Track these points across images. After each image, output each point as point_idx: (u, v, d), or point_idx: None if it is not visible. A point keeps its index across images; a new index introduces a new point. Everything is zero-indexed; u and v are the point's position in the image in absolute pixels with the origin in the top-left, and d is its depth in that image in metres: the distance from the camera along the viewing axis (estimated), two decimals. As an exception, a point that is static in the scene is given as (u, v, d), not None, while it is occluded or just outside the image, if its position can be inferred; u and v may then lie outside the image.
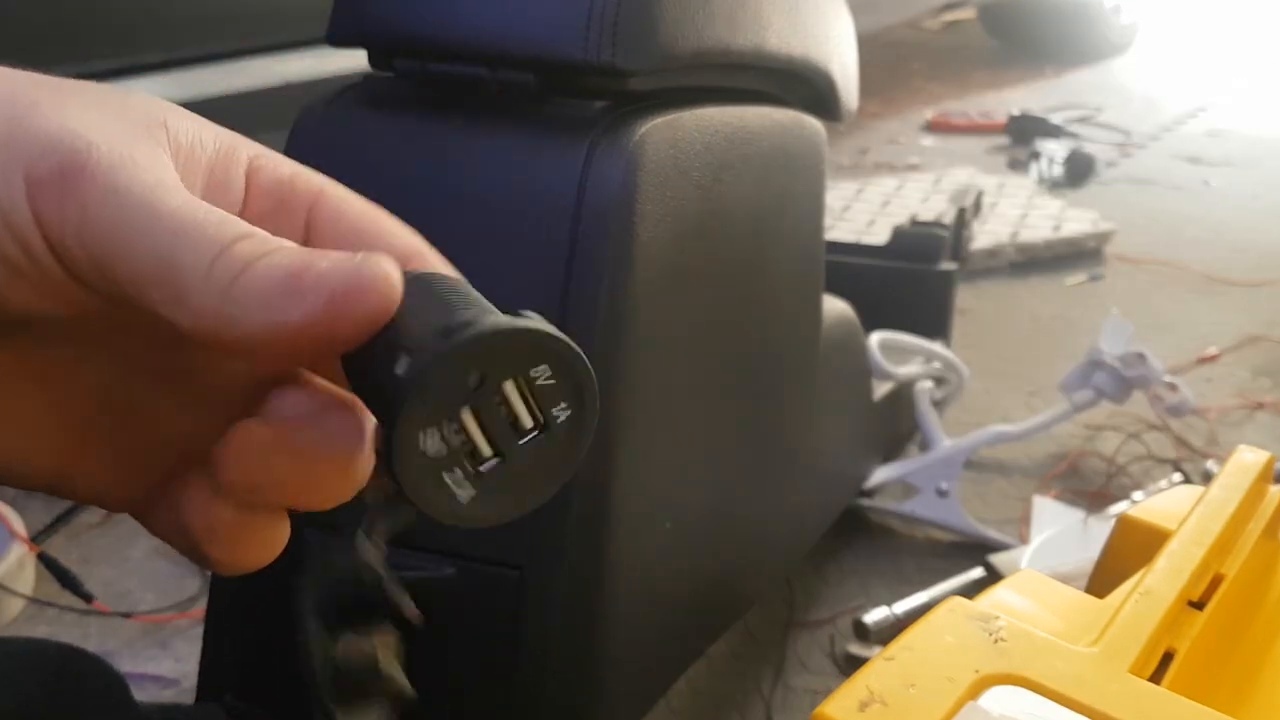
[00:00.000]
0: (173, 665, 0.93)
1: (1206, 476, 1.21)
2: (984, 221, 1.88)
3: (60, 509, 1.09)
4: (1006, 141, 2.57)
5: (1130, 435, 1.27)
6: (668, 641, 0.68)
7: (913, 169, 2.36)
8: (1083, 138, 2.55)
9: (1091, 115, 2.78)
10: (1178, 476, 1.21)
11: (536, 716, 0.56)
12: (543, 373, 0.24)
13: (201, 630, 0.62)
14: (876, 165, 2.40)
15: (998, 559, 1.03)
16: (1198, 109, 2.94)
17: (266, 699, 0.59)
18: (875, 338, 1.08)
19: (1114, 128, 2.69)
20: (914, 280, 1.25)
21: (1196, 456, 1.26)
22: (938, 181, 2.17)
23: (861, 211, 1.99)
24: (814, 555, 1.04)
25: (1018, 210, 1.99)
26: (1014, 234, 1.87)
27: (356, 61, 0.60)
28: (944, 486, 1.10)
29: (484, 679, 0.56)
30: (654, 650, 0.66)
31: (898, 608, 0.97)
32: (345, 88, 0.60)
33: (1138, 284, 1.79)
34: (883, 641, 0.94)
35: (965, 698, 0.38)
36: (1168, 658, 0.43)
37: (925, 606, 0.96)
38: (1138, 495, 1.16)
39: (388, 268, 0.23)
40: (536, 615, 0.55)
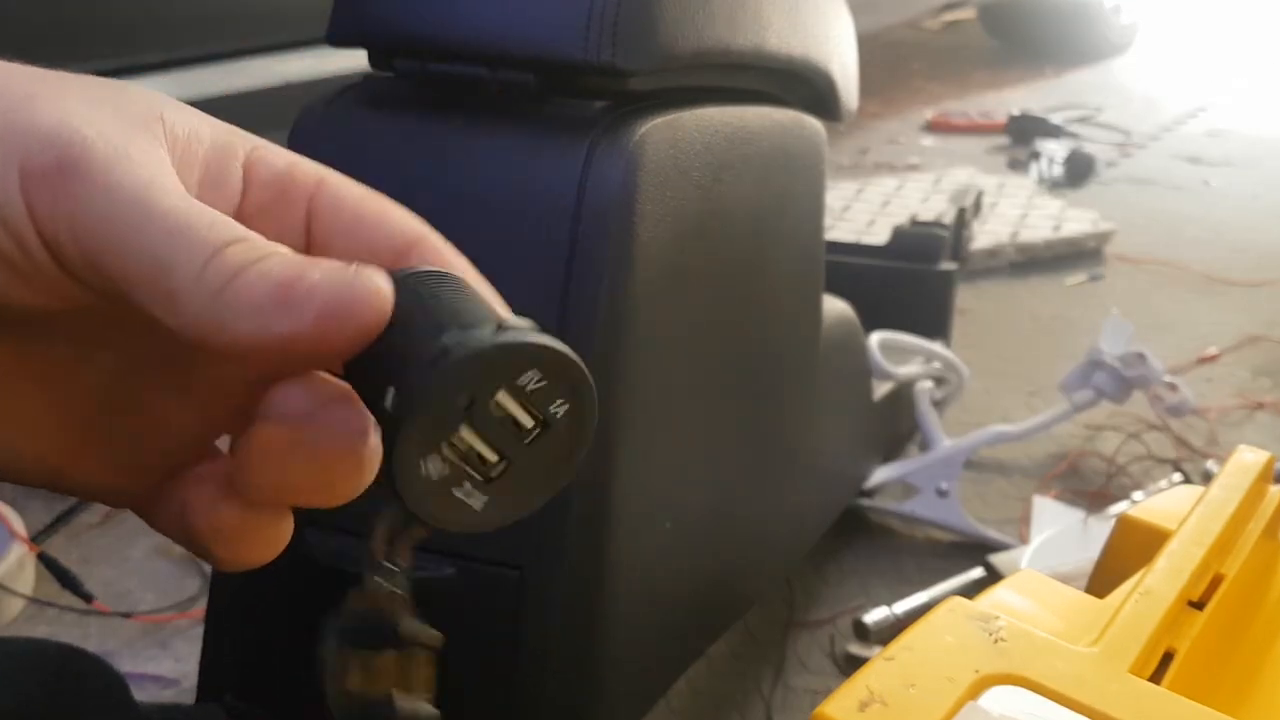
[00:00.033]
0: (173, 665, 0.93)
1: (1206, 476, 1.21)
2: (984, 221, 1.88)
3: (60, 509, 1.09)
4: (1006, 141, 2.57)
5: (1130, 435, 1.27)
6: (668, 641, 0.68)
7: (913, 169, 2.36)
8: (1083, 138, 2.55)
9: (1091, 115, 2.78)
10: (1178, 476, 1.21)
11: (536, 716, 0.56)
12: (532, 377, 0.24)
13: (201, 630, 0.62)
14: (876, 165, 2.40)
15: (998, 559, 1.03)
16: (1198, 109, 2.94)
17: (266, 699, 0.59)
18: (875, 338, 1.08)
19: (1114, 128, 2.69)
20: (914, 280, 1.25)
21: (1196, 456, 1.26)
22: (938, 181, 2.17)
23: (861, 211, 1.99)
24: (814, 555, 1.04)
25: (1018, 210, 1.99)
26: (1014, 234, 1.87)
27: (356, 61, 0.60)
28: (944, 486, 1.10)
29: (484, 679, 0.56)
30: (654, 650, 0.66)
31: (898, 608, 0.97)
32: (345, 88, 0.60)
33: (1138, 284, 1.79)
34: (883, 641, 0.94)
35: (965, 698, 0.38)
36: (1168, 658, 0.43)
37: (925, 606, 0.96)
38: (1138, 495, 1.16)
39: (379, 282, 0.23)
40: (536, 615, 0.55)
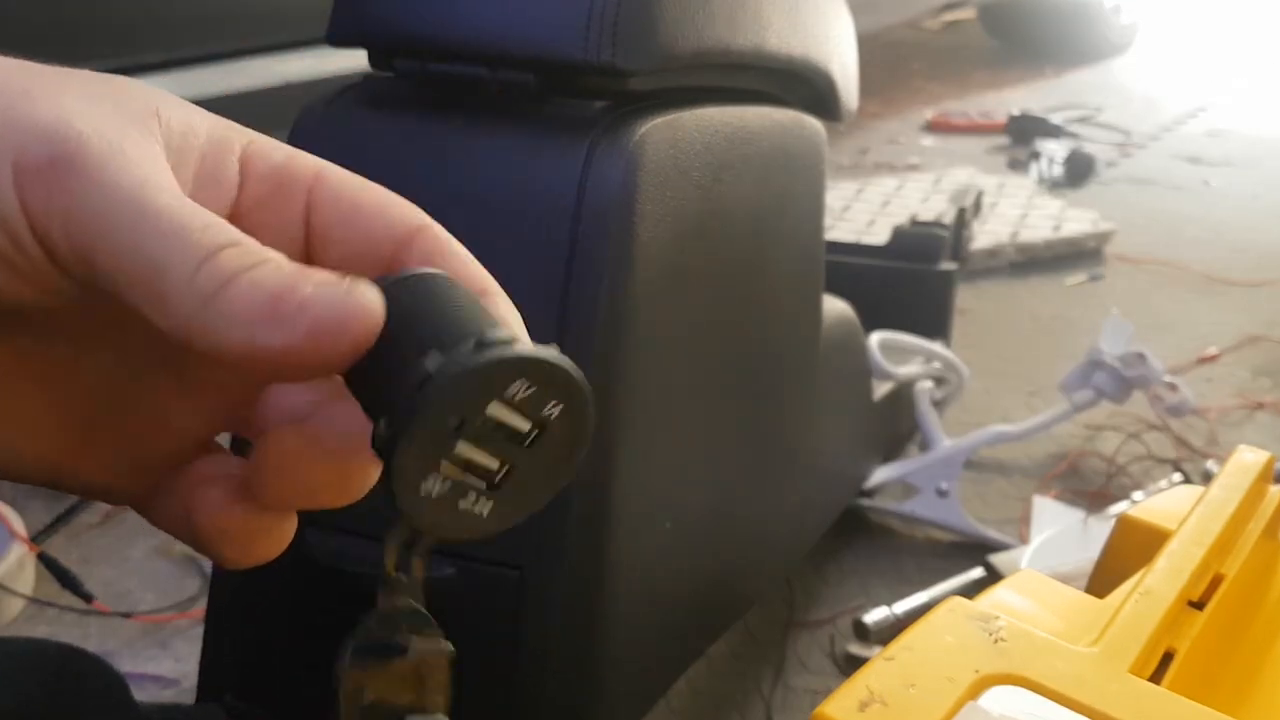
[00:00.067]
0: (173, 665, 0.93)
1: (1206, 476, 1.21)
2: (984, 221, 1.88)
3: (60, 509, 1.09)
4: (1006, 141, 2.57)
5: (1130, 435, 1.27)
6: (668, 641, 0.68)
7: (913, 169, 2.36)
8: (1083, 138, 2.55)
9: (1091, 115, 2.78)
10: (1178, 476, 1.21)
11: (536, 716, 0.56)
12: (520, 386, 0.24)
13: (201, 630, 0.62)
14: (876, 165, 2.40)
15: (998, 559, 1.03)
16: (1198, 109, 2.94)
17: (266, 699, 0.59)
18: (875, 338, 1.08)
19: (1114, 128, 2.69)
20: (914, 280, 1.25)
21: (1196, 456, 1.26)
22: (938, 181, 2.17)
23: (861, 211, 1.99)
24: (814, 555, 1.04)
25: (1018, 210, 1.99)
26: (1014, 234, 1.87)
27: (356, 61, 0.60)
28: (944, 486, 1.10)
29: (484, 679, 0.56)
30: (654, 650, 0.66)
31: (898, 608, 0.97)
32: (345, 88, 0.60)
33: (1138, 284, 1.79)
34: (883, 641, 0.94)
35: (965, 698, 0.38)
36: (1168, 658, 0.43)
37: (925, 606, 0.96)
38: (1138, 495, 1.16)
39: (371, 297, 0.23)
40: (536, 615, 0.55)
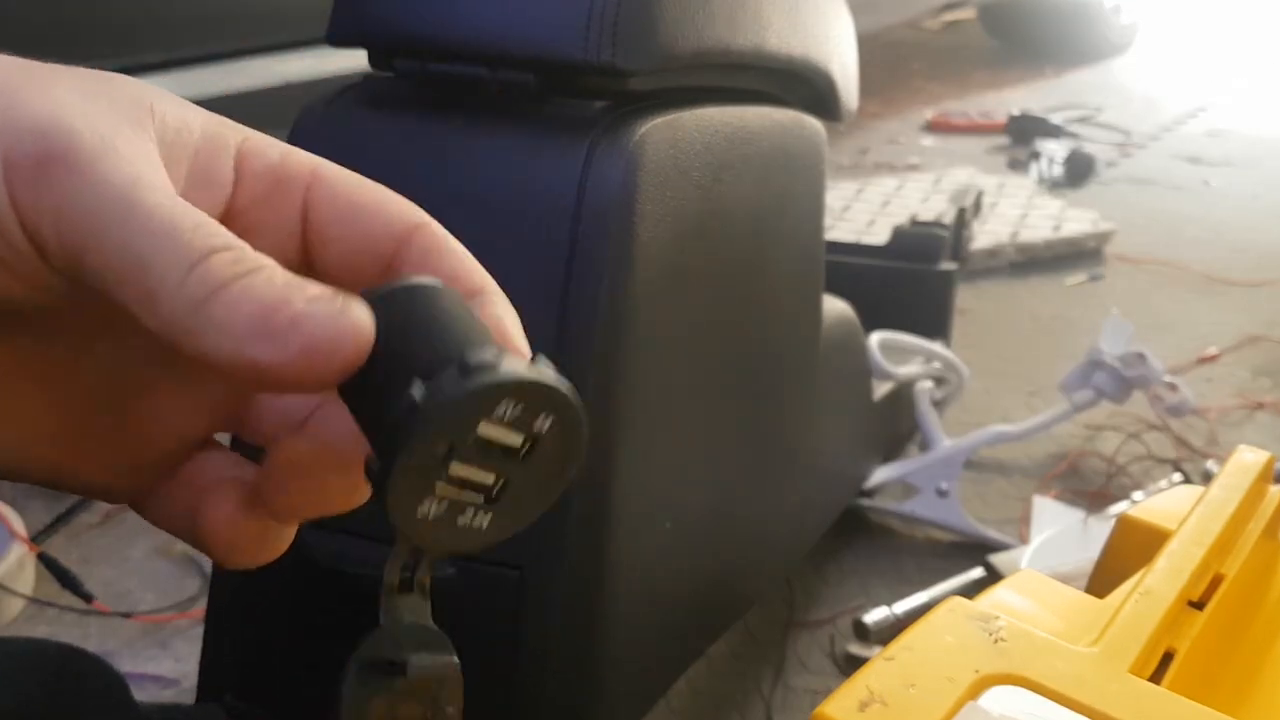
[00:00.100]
0: (173, 665, 0.93)
1: (1206, 476, 1.21)
2: (984, 221, 1.88)
3: (60, 509, 1.09)
4: (1006, 141, 2.57)
5: (1130, 435, 1.27)
6: (668, 641, 0.68)
7: (913, 169, 2.36)
8: (1083, 138, 2.55)
9: (1091, 115, 2.78)
10: (1178, 476, 1.21)
11: (536, 716, 0.56)
12: (508, 406, 0.24)
13: (201, 630, 0.61)
14: (876, 165, 2.40)
15: (998, 559, 1.03)
16: (1198, 109, 2.94)
17: (266, 699, 0.59)
18: (875, 338, 1.08)
19: (1114, 128, 2.69)
20: (914, 280, 1.25)
21: (1196, 456, 1.26)
22: (938, 181, 2.17)
23: (861, 211, 1.99)
24: (814, 555, 1.04)
25: (1018, 210, 1.99)
26: (1014, 234, 1.87)
27: (356, 61, 0.60)
28: (944, 486, 1.10)
29: (484, 679, 0.56)
30: (654, 650, 0.66)
31: (898, 608, 0.97)
32: (345, 88, 0.60)
33: (1138, 284, 1.79)
34: (883, 641, 0.94)
35: (965, 698, 0.38)
36: (1168, 658, 0.43)
37: (925, 606, 0.96)
38: (1138, 495, 1.16)
39: (363, 317, 0.23)
40: (536, 615, 0.55)
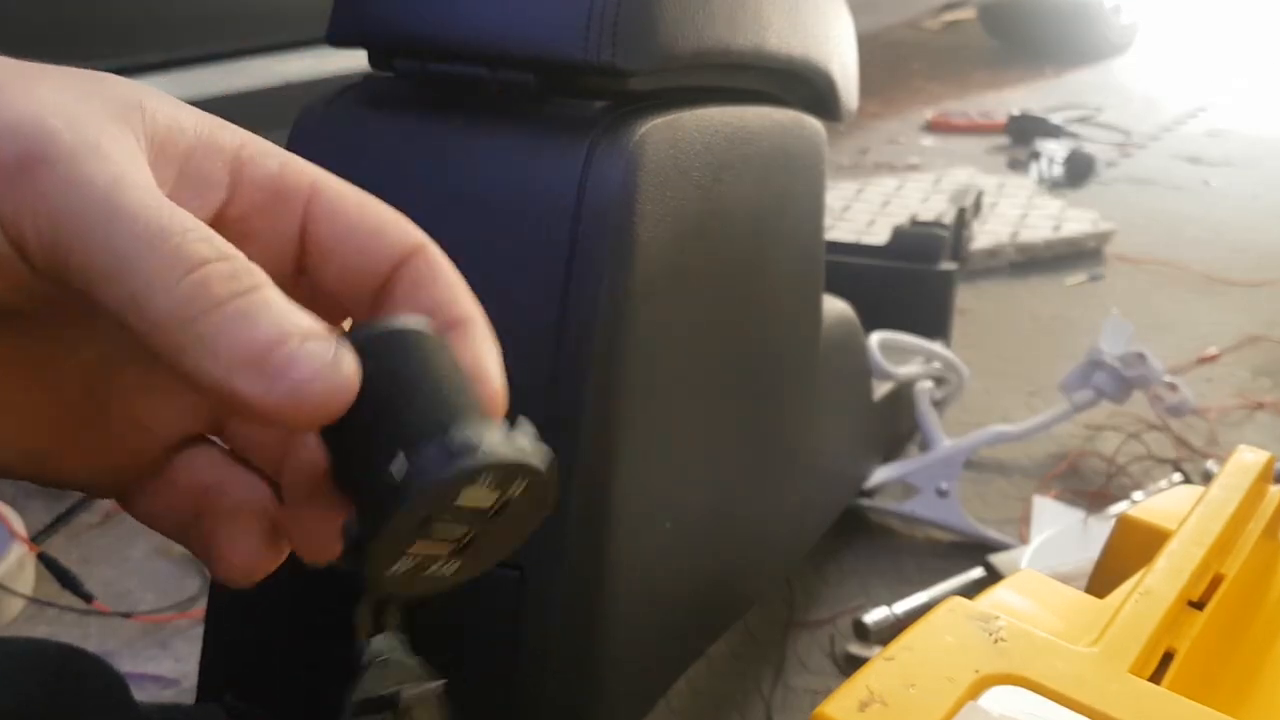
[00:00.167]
0: (173, 665, 0.93)
1: (1206, 476, 1.21)
2: (984, 221, 1.88)
3: (60, 509, 1.09)
4: (1006, 141, 2.57)
5: (1130, 435, 1.27)
6: (668, 641, 0.68)
7: (913, 169, 2.36)
8: (1083, 138, 2.55)
9: (1091, 115, 2.78)
10: (1178, 476, 1.21)
11: (536, 716, 0.56)
12: (485, 478, 0.24)
13: (201, 630, 0.61)
14: (876, 165, 2.40)
15: (998, 559, 1.03)
16: (1198, 109, 2.94)
17: (266, 699, 0.59)
18: (875, 338, 1.08)
19: (1114, 128, 2.69)
20: (914, 280, 1.25)
21: (1196, 456, 1.26)
22: (938, 181, 2.17)
23: (861, 211, 1.99)
24: (814, 555, 1.04)
25: (1018, 210, 1.99)
26: (1014, 234, 1.87)
27: (356, 61, 0.60)
28: (944, 486, 1.10)
29: (484, 679, 0.56)
30: (654, 650, 0.66)
31: (898, 608, 0.97)
32: (345, 88, 0.60)
33: (1138, 284, 1.79)
34: (883, 641, 0.94)
35: (965, 698, 0.38)
36: (1168, 658, 0.43)
37: (925, 606, 0.96)
38: (1138, 495, 1.16)
39: (351, 372, 0.23)
40: (536, 615, 0.55)
